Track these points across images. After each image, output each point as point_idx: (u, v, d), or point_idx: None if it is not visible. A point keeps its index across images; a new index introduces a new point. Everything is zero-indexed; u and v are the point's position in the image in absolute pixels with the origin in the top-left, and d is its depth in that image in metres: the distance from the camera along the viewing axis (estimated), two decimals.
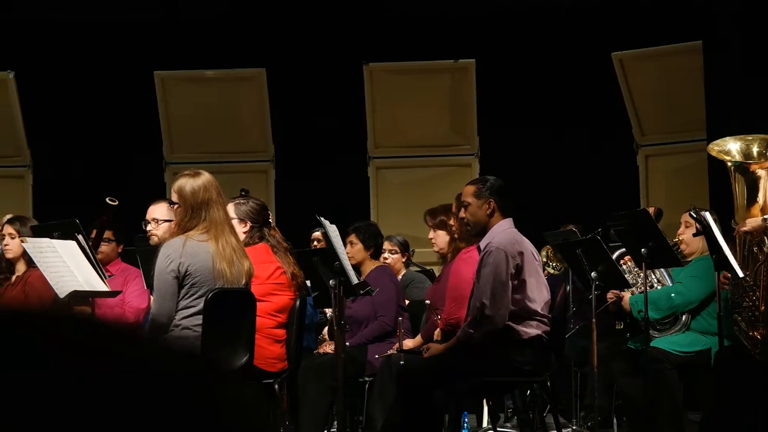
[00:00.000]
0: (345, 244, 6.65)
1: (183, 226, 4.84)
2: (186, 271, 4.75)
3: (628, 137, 9.91)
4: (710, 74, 8.66)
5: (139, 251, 6.13)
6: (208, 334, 4.71)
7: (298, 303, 5.59)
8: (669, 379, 6.10)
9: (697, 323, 6.30)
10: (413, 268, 8.42)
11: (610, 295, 6.58)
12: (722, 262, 5.26)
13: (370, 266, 6.92)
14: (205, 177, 4.90)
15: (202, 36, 10.04)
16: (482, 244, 5.53)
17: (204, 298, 4.74)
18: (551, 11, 9.71)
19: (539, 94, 9.86)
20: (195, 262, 4.75)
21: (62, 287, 5.09)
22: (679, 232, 6.52)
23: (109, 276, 5.92)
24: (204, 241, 4.79)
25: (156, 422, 0.79)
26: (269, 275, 5.45)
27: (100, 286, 5.24)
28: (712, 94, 8.60)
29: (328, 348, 6.58)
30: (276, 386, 5.42)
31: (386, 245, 7.35)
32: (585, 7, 9.62)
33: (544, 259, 7.63)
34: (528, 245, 5.52)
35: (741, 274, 5.08)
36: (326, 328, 6.93)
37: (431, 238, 6.78)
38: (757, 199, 5.09)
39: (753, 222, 5.03)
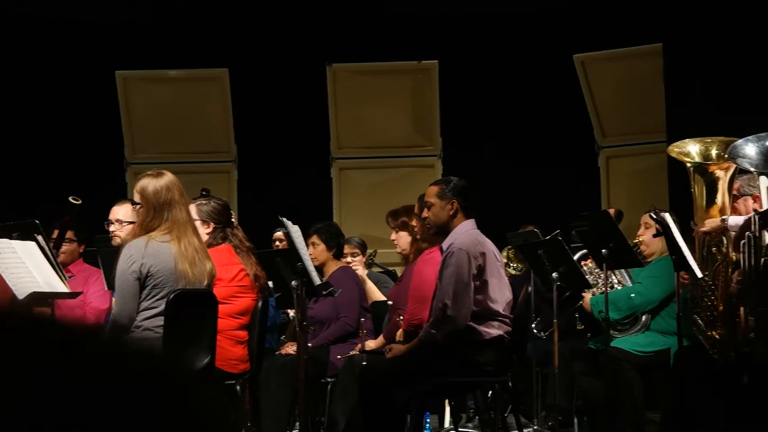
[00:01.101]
0: (307, 245, 6.64)
1: (145, 226, 4.81)
2: (148, 272, 4.73)
3: (589, 139, 9.97)
4: (670, 76, 8.74)
5: (101, 252, 6.09)
6: (169, 335, 4.69)
7: (260, 304, 5.58)
8: (629, 379, 6.15)
9: (657, 323, 6.35)
10: (376, 269, 8.43)
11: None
12: (681, 263, 5.30)
13: (332, 267, 6.92)
14: (168, 177, 4.88)
15: (165, 36, 9.99)
16: (444, 244, 5.54)
17: (166, 299, 4.72)
18: (514, 13, 9.74)
19: (501, 95, 9.89)
20: (157, 263, 4.73)
21: (21, 288, 5.05)
22: (639, 233, 6.57)
23: (70, 277, 5.87)
24: (166, 241, 4.77)
25: (117, 423, 0.79)
26: (232, 277, 5.44)
27: (60, 287, 5.20)
28: (671, 96, 8.68)
29: (291, 349, 6.57)
30: (238, 387, 5.41)
31: (346, 249, 7.35)
32: (547, 9, 9.66)
33: (506, 260, 7.66)
34: (490, 246, 5.54)
35: (699, 275, 5.13)
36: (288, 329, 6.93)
37: (393, 239, 6.79)
38: (716, 200, 5.14)
39: (712, 223, 5.08)
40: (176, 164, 9.22)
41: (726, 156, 4.88)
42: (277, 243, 7.50)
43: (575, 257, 6.34)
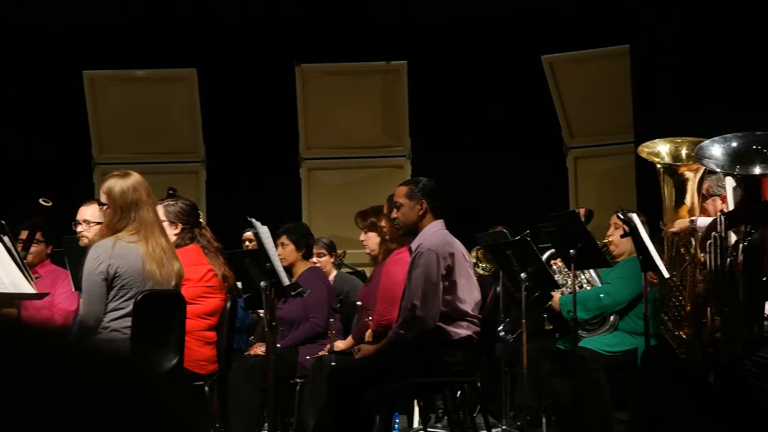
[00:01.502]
0: (276, 246, 6.63)
1: (112, 227, 4.79)
2: (115, 273, 4.70)
3: (557, 139, 10.01)
4: (637, 78, 8.79)
5: (68, 252, 6.05)
6: (137, 336, 4.67)
7: (229, 305, 5.57)
8: (597, 379, 6.18)
9: (625, 323, 6.38)
10: (344, 270, 8.43)
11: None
12: (648, 263, 5.33)
13: (302, 267, 6.91)
14: (135, 178, 4.86)
15: (132, 35, 9.94)
16: (413, 245, 5.55)
17: (133, 300, 4.70)
18: (482, 14, 9.77)
19: (470, 96, 9.92)
20: (124, 264, 4.71)
21: None
22: (608, 233, 6.60)
23: (37, 278, 5.83)
24: (133, 242, 4.74)
25: (84, 425, 0.79)
26: (200, 278, 5.42)
27: (27, 288, 5.15)
28: (639, 97, 8.73)
29: (259, 350, 6.55)
30: (206, 388, 5.39)
31: (314, 249, 7.34)
32: (516, 10, 9.69)
33: (475, 260, 7.68)
34: (459, 246, 5.55)
35: (666, 275, 5.16)
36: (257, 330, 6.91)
37: (362, 240, 6.79)
38: (685, 201, 5.17)
39: (681, 223, 5.11)
40: (144, 164, 9.19)
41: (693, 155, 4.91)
42: (247, 243, 7.48)
43: (544, 257, 6.36)
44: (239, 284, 5.84)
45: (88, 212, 5.54)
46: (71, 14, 9.76)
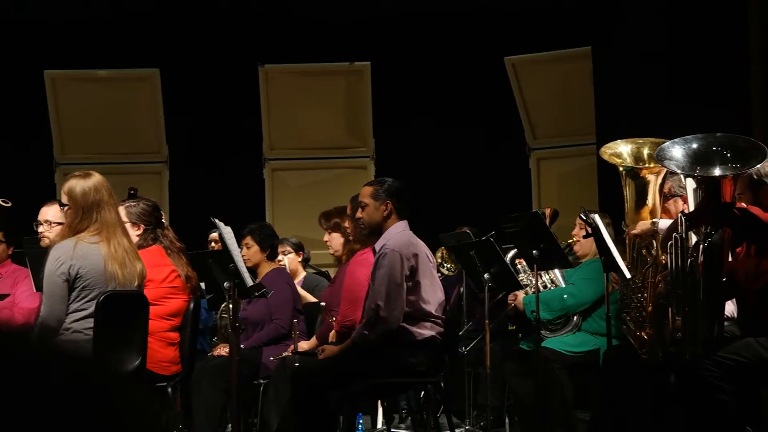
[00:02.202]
0: (241, 247, 6.61)
1: (74, 227, 4.76)
2: (77, 274, 4.67)
3: (520, 140, 10.05)
4: (599, 79, 8.84)
5: (28, 253, 6.00)
6: (99, 337, 4.64)
7: (192, 305, 5.55)
8: (559, 379, 6.21)
9: (588, 324, 6.42)
10: (309, 270, 8.42)
11: (511, 297, 6.67)
12: (611, 264, 5.36)
13: (266, 268, 6.90)
14: (96, 178, 4.83)
15: (94, 35, 9.87)
16: (377, 246, 5.55)
17: (95, 301, 4.67)
18: (446, 15, 9.79)
19: (434, 96, 9.94)
20: (86, 265, 4.68)
21: None
22: (573, 233, 6.63)
23: None
24: (95, 243, 4.72)
25: (45, 426, 0.79)
26: (163, 279, 5.39)
27: None
28: (601, 98, 8.78)
29: (223, 350, 6.53)
30: (169, 389, 5.36)
31: (280, 248, 7.34)
32: (479, 11, 9.72)
33: (439, 261, 7.70)
34: (422, 247, 5.56)
35: (628, 276, 5.19)
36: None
37: (326, 241, 6.79)
38: (647, 202, 5.20)
39: (642, 225, 5.14)
40: (106, 165, 9.13)
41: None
42: (213, 244, 7.46)
43: (507, 258, 6.39)
44: (202, 285, 5.82)
45: (50, 212, 5.50)
46: (32, 13, 9.68)
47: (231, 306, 5.38)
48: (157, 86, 9.98)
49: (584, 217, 5.69)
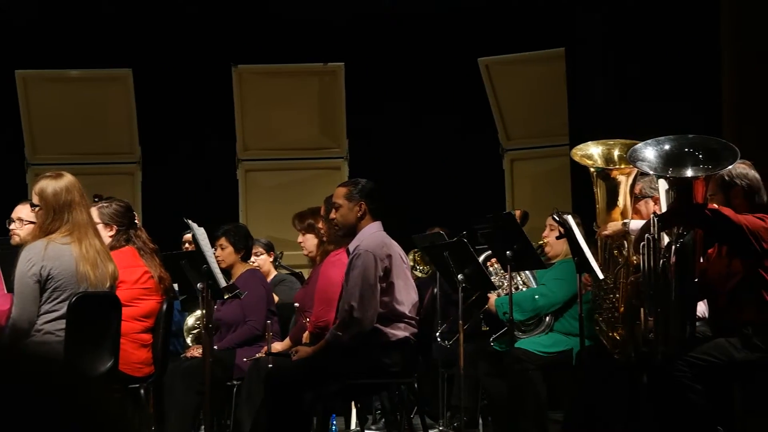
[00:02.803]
0: (215, 247, 6.60)
1: (45, 228, 4.73)
2: (48, 275, 4.65)
3: (494, 141, 10.08)
4: (572, 80, 8.88)
5: None
6: (71, 339, 4.62)
7: (165, 307, 5.52)
8: (532, 379, 6.23)
9: (560, 324, 6.45)
10: (282, 271, 8.41)
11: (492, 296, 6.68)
12: (583, 265, 5.38)
13: (240, 269, 6.88)
14: (68, 179, 4.81)
15: (67, 35, 9.82)
16: (351, 246, 5.55)
17: (67, 302, 4.65)
18: (420, 16, 9.80)
19: (407, 97, 9.94)
20: (57, 266, 4.66)
21: None
22: (544, 234, 6.66)
23: None
24: (67, 243, 4.70)
25: (16, 428, 0.78)
26: (136, 279, 5.37)
27: None
28: (574, 100, 8.81)
29: (196, 352, 6.51)
30: (142, 391, 5.34)
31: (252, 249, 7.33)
32: (453, 12, 9.74)
33: (412, 262, 7.70)
34: (396, 248, 5.56)
35: (601, 276, 5.21)
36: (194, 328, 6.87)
37: (300, 242, 6.79)
38: (618, 203, 5.22)
39: (613, 226, 5.16)
40: (78, 165, 9.08)
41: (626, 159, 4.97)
42: (187, 245, 7.43)
43: (480, 258, 6.40)
44: (176, 286, 5.80)
45: (24, 210, 5.46)
46: (3, 13, 9.62)
47: (205, 307, 5.36)
48: (130, 86, 9.94)
49: (557, 218, 5.71)
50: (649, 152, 4.60)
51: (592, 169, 5.28)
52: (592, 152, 5.31)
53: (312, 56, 10.10)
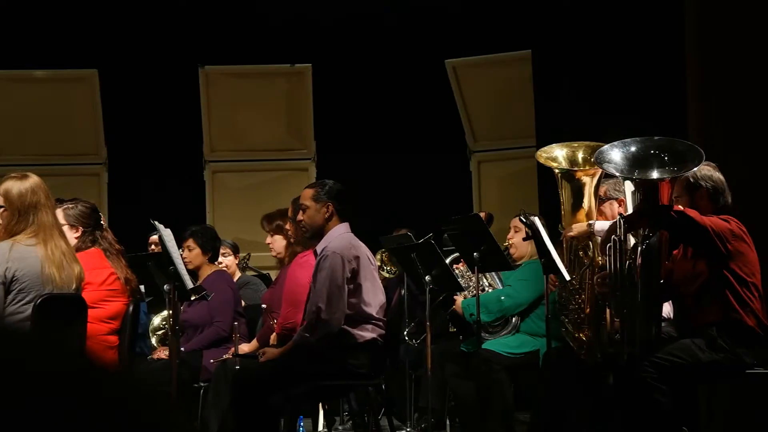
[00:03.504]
0: (182, 249, 6.57)
1: (10, 230, 4.70)
2: (13, 276, 4.61)
3: (461, 143, 10.10)
4: (539, 83, 8.91)
5: None
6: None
7: (131, 308, 5.50)
8: (499, 380, 6.25)
9: (527, 325, 6.47)
10: (249, 273, 8.40)
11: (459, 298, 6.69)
12: (550, 266, 5.41)
13: (207, 270, 6.86)
14: (33, 180, 4.77)
15: (31, 35, 9.75)
16: (319, 248, 5.55)
17: (33, 303, 4.62)
18: (387, 17, 9.81)
19: (375, 99, 9.95)
20: (22, 267, 4.62)
21: None
22: (508, 236, 6.68)
23: None
24: (32, 245, 4.66)
25: None
26: (102, 281, 5.34)
27: None
28: (540, 102, 8.85)
29: (163, 353, 6.48)
30: None
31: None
32: (420, 14, 9.75)
33: (380, 263, 7.71)
34: (364, 249, 5.57)
35: (568, 277, 5.24)
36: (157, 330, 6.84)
37: (268, 243, 6.78)
38: (583, 205, 5.25)
39: (579, 227, 5.18)
40: (44, 166, 9.02)
41: (592, 161, 5.00)
42: (153, 247, 7.40)
43: (447, 260, 6.41)
44: (142, 288, 5.78)
45: None
46: None
47: (172, 309, 5.34)
48: (96, 87, 9.88)
49: (524, 220, 5.74)
50: (615, 154, 4.63)
51: (556, 171, 5.30)
52: (557, 154, 5.34)
53: (279, 57, 10.09)
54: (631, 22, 8.09)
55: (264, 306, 6.58)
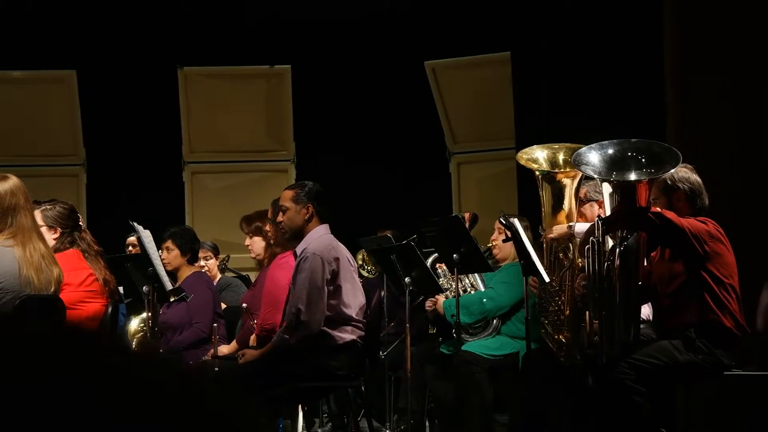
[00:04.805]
0: (161, 250, 6.55)
1: None
2: None
3: (441, 144, 10.11)
4: (518, 84, 8.93)
5: None
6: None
7: (110, 310, 5.47)
8: (479, 382, 6.26)
9: (507, 327, 6.48)
10: (229, 274, 8.38)
11: (429, 303, 6.69)
12: (529, 268, 5.42)
13: (186, 272, 6.84)
14: (13, 181, 4.75)
15: (8, 35, 9.70)
16: (298, 249, 5.55)
17: (11, 304, 4.59)
18: (366, 19, 9.81)
19: (354, 100, 9.95)
20: None
21: None
22: (492, 237, 6.69)
23: None
24: (9, 246, 4.64)
25: None
26: (81, 282, 5.31)
27: None
28: (520, 103, 8.87)
29: None
30: None
31: (199, 253, 7.29)
32: (399, 16, 9.76)
33: (360, 262, 7.70)
34: (344, 251, 5.57)
35: (547, 279, 5.25)
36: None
37: (247, 245, 6.77)
38: (563, 207, 5.26)
39: (559, 229, 5.19)
40: (21, 167, 8.97)
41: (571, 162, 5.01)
42: (131, 248, 7.38)
43: (428, 261, 6.41)
44: (121, 289, 5.76)
45: None
46: None
47: (151, 310, 5.33)
48: (74, 88, 9.84)
49: (503, 221, 5.74)
50: (593, 156, 4.64)
51: (537, 173, 5.31)
52: (538, 156, 5.35)
53: (259, 58, 10.08)
54: (611, 24, 8.12)
55: (244, 305, 6.56)
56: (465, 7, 9.63)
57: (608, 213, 4.72)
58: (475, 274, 6.66)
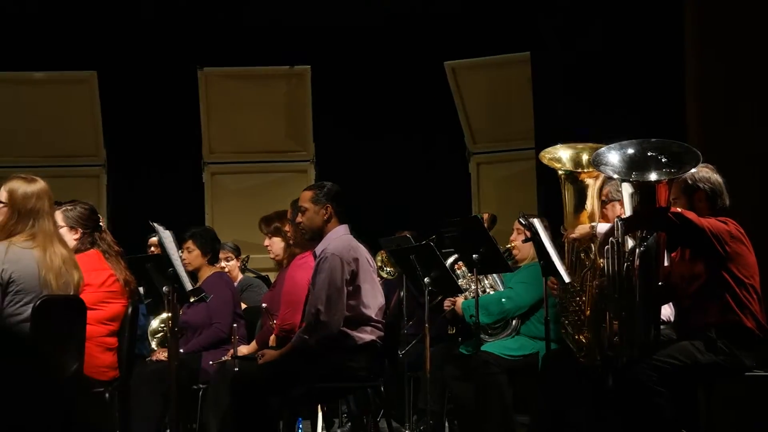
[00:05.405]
0: (182, 250, 6.57)
1: (7, 229, 4.70)
2: (9, 278, 4.61)
3: (460, 145, 10.10)
4: (538, 84, 8.91)
5: None
6: (36, 342, 4.58)
7: (130, 310, 5.50)
8: (499, 383, 6.24)
9: (527, 328, 6.46)
10: (249, 275, 8.40)
11: (447, 303, 6.68)
12: (549, 268, 5.40)
13: (207, 272, 6.86)
14: (40, 185, 4.77)
15: (30, 37, 9.75)
16: (318, 250, 5.55)
17: (31, 305, 4.61)
18: (386, 19, 9.81)
19: (374, 101, 9.95)
20: (19, 269, 4.62)
21: None
22: (511, 238, 6.68)
23: None
24: (28, 248, 4.66)
25: None
26: (102, 282, 5.34)
27: None
28: (539, 103, 8.85)
29: (162, 355, 6.48)
30: (107, 395, 5.31)
31: (220, 254, 7.30)
32: (419, 16, 9.76)
33: (379, 264, 7.70)
34: (363, 251, 5.57)
35: (567, 280, 5.23)
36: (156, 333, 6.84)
37: (267, 245, 6.78)
38: (586, 207, 5.24)
39: (581, 229, 5.17)
40: (42, 168, 9.01)
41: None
42: (153, 249, 7.40)
43: (447, 262, 6.41)
44: (141, 290, 5.77)
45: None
46: None
47: (171, 311, 5.34)
48: (95, 89, 9.88)
49: (523, 222, 5.73)
50: (613, 156, 4.62)
51: (560, 172, 5.29)
52: (561, 155, 5.33)
53: (279, 59, 10.09)
54: (630, 23, 8.09)
55: (264, 305, 6.57)
56: (484, 8, 9.62)
57: (628, 213, 4.70)
58: (495, 275, 6.65)
